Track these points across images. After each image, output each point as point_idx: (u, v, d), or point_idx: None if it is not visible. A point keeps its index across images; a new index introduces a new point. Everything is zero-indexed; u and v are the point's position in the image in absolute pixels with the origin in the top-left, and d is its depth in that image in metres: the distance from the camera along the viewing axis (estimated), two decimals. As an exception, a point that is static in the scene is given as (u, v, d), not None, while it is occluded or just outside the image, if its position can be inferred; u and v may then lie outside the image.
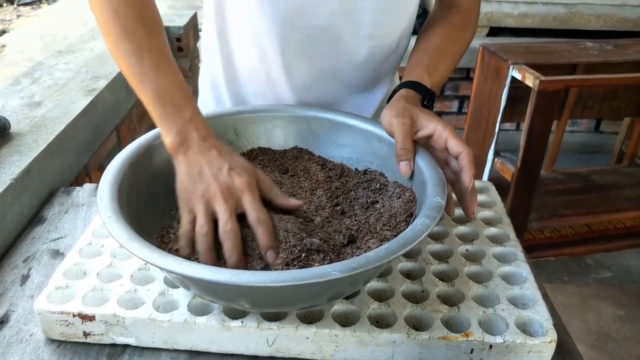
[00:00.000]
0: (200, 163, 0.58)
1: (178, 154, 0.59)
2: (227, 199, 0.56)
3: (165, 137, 0.60)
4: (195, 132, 0.60)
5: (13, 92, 1.10)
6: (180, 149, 0.59)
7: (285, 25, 0.72)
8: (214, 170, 0.57)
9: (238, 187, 0.57)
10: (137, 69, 0.61)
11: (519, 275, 0.64)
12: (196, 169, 0.58)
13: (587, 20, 2.46)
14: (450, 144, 0.63)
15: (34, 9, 3.02)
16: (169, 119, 0.60)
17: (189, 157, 0.59)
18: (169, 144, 0.60)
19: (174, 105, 0.61)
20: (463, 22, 0.80)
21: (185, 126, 0.60)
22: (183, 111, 0.61)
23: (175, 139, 0.59)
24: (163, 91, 0.61)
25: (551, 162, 2.23)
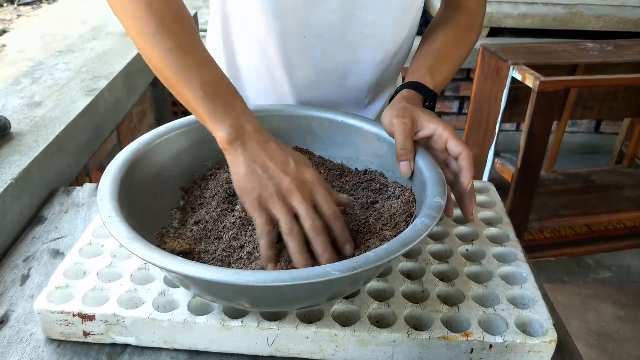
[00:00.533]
0: (262, 157, 0.56)
1: (235, 149, 0.56)
2: (303, 194, 0.54)
3: (217, 133, 0.57)
4: (250, 125, 0.57)
5: (13, 92, 1.10)
6: (236, 143, 0.56)
7: (287, 23, 0.72)
8: (281, 165, 0.55)
9: (310, 181, 0.55)
10: (179, 66, 0.58)
11: (519, 275, 0.64)
12: (259, 164, 0.55)
13: (587, 21, 2.46)
14: (450, 144, 0.63)
15: (34, 9, 3.02)
16: (220, 114, 0.57)
17: (249, 152, 0.56)
18: (224, 138, 0.56)
19: (224, 99, 0.58)
20: (468, 24, 0.80)
21: (238, 119, 0.57)
22: (234, 104, 0.58)
23: (230, 133, 0.56)
24: (211, 86, 0.58)
25: (551, 162, 2.23)
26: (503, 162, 1.88)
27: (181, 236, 0.60)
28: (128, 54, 1.40)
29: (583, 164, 2.57)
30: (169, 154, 0.68)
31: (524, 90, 1.82)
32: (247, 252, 0.57)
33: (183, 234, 0.61)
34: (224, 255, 0.57)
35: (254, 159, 0.56)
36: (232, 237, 0.59)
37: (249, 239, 0.59)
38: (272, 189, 0.54)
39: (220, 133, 0.57)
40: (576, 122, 2.77)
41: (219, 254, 0.57)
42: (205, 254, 0.57)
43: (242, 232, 0.60)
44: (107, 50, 1.42)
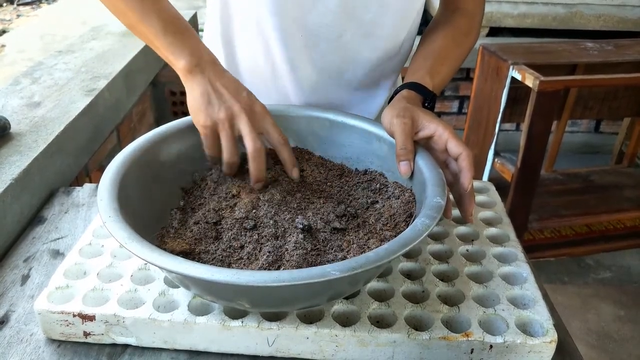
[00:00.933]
0: (217, 84, 0.61)
1: (194, 74, 0.62)
2: (252, 120, 0.60)
3: (178, 61, 0.62)
4: (207, 55, 0.63)
5: (13, 92, 1.10)
6: (196, 70, 0.62)
7: (288, 20, 0.72)
8: (234, 92, 0.61)
9: (259, 110, 0.61)
10: (139, 7, 0.63)
11: (519, 275, 0.64)
12: (214, 89, 0.61)
13: (587, 21, 2.46)
14: (450, 145, 0.63)
15: (34, 9, 3.01)
16: (179, 44, 0.62)
17: (206, 76, 0.61)
18: (185, 65, 0.62)
19: (182, 32, 0.63)
20: (467, 26, 0.80)
21: (197, 48, 0.63)
22: (191, 36, 0.64)
23: (191, 60, 0.62)
24: (168, 21, 0.63)
25: (551, 162, 2.23)
26: (503, 161, 1.88)
27: (181, 236, 0.60)
28: (128, 54, 1.40)
29: (583, 163, 2.57)
30: (169, 154, 0.68)
31: (524, 90, 1.82)
32: (247, 252, 0.57)
33: (183, 234, 0.60)
34: (224, 255, 0.57)
35: (210, 83, 0.61)
36: (232, 237, 0.59)
37: (249, 239, 0.59)
38: (222, 113, 0.60)
39: (180, 62, 0.62)
40: (576, 122, 2.77)
41: (219, 254, 0.57)
42: (205, 254, 0.57)
43: (242, 232, 0.60)
44: (107, 50, 1.42)
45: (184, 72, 0.62)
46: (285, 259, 0.55)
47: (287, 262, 0.55)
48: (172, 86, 1.73)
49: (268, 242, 0.58)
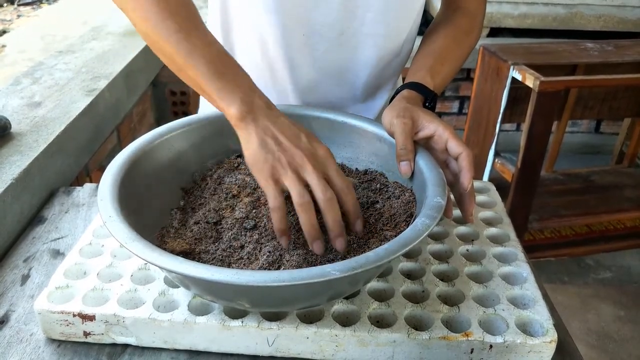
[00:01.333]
0: (274, 131, 0.56)
1: (247, 123, 0.56)
2: (315, 166, 0.54)
3: (228, 109, 0.57)
4: (259, 100, 0.58)
5: (13, 92, 1.10)
6: (248, 118, 0.57)
7: (288, 20, 0.72)
8: (294, 139, 0.56)
9: (322, 155, 0.56)
10: (185, 46, 0.58)
11: (519, 275, 0.64)
12: (271, 137, 0.55)
13: (587, 21, 2.46)
14: (450, 144, 0.63)
15: (34, 9, 3.01)
16: (228, 90, 0.57)
17: (260, 125, 0.56)
18: (235, 112, 0.57)
19: (232, 76, 0.59)
20: (468, 25, 0.80)
21: (248, 94, 0.58)
22: (242, 80, 0.59)
23: (242, 108, 0.57)
24: (217, 64, 0.58)
25: (551, 162, 2.23)
26: (503, 162, 1.88)
27: (181, 236, 0.60)
28: (128, 54, 1.40)
29: (583, 163, 2.57)
30: (169, 154, 0.68)
31: (524, 90, 1.82)
32: (247, 252, 0.57)
33: (183, 234, 0.61)
34: (224, 255, 0.57)
35: (265, 132, 0.56)
36: (232, 237, 0.59)
37: (249, 239, 0.59)
38: (284, 160, 0.54)
39: (231, 109, 0.57)
40: (576, 122, 2.77)
41: (219, 254, 0.57)
42: (205, 253, 0.57)
43: (242, 232, 0.60)
44: (107, 50, 1.42)
45: (235, 121, 0.57)
46: (285, 259, 0.55)
47: (287, 262, 0.55)
48: (172, 86, 1.73)
49: (268, 242, 0.58)
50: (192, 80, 0.59)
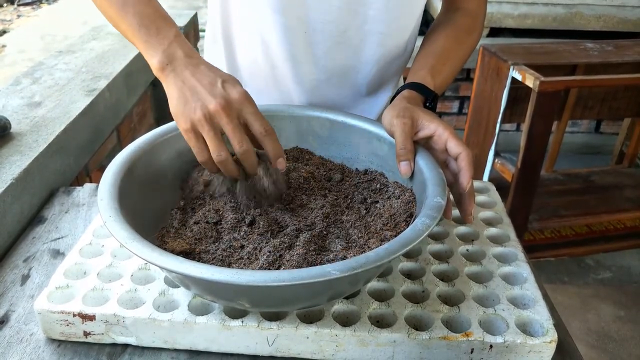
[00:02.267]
0: (191, 81, 0.58)
1: (167, 74, 0.60)
2: (229, 114, 0.56)
3: (151, 60, 0.61)
4: (180, 50, 0.60)
5: (13, 92, 1.10)
6: (167, 68, 0.60)
7: (289, 17, 0.72)
8: (208, 87, 0.57)
9: (236, 99, 0.57)
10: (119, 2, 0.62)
11: (519, 275, 0.64)
12: (188, 87, 0.58)
13: (587, 21, 2.46)
14: (450, 145, 0.63)
15: (34, 9, 3.01)
16: (153, 42, 0.61)
17: (178, 75, 0.59)
18: (156, 64, 0.60)
19: (157, 28, 0.61)
20: (469, 26, 0.80)
21: (170, 46, 0.60)
22: (166, 32, 0.61)
23: (162, 59, 0.60)
24: (145, 17, 0.62)
25: (551, 162, 2.23)
26: (503, 162, 1.88)
27: (181, 236, 0.60)
28: (128, 54, 1.40)
29: (583, 164, 2.57)
30: (169, 154, 0.68)
31: (524, 90, 1.82)
32: (247, 252, 0.57)
33: (183, 234, 0.61)
34: (224, 255, 0.57)
35: (184, 83, 0.58)
36: (232, 237, 0.59)
37: (249, 238, 0.59)
38: (199, 112, 0.56)
39: (153, 60, 0.60)
40: (576, 122, 2.77)
41: (219, 254, 0.57)
42: (205, 253, 0.58)
43: (242, 232, 0.60)
44: (107, 50, 1.42)
45: (157, 72, 0.61)
46: (285, 258, 0.55)
47: (287, 262, 0.55)
48: (172, 86, 1.72)
49: (268, 242, 0.58)
50: (124, 32, 0.64)
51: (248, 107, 0.58)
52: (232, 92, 0.58)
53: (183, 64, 0.59)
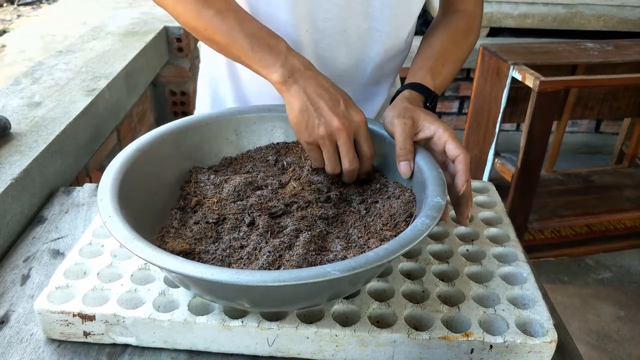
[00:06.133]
0: (315, 96, 0.61)
1: (289, 86, 0.62)
2: (349, 134, 0.61)
3: (271, 76, 0.63)
4: (298, 62, 0.63)
5: (13, 92, 1.10)
6: (289, 82, 0.62)
7: (292, 15, 0.72)
8: (331, 104, 0.61)
9: (356, 122, 0.62)
10: (225, 27, 0.64)
11: (519, 275, 0.64)
12: (312, 102, 0.61)
13: (587, 21, 2.46)
14: (449, 147, 0.63)
15: (34, 9, 3.02)
16: (268, 58, 0.63)
17: (301, 87, 0.62)
18: (278, 78, 0.62)
19: (269, 45, 0.64)
20: (467, 27, 0.80)
21: (287, 59, 0.63)
22: (279, 46, 0.64)
23: (283, 73, 0.62)
24: (254, 37, 0.64)
25: (551, 162, 2.23)
26: (503, 162, 1.88)
27: (181, 236, 0.60)
28: (128, 54, 1.40)
29: (583, 163, 2.57)
30: (169, 154, 0.68)
31: (524, 90, 1.82)
32: (247, 252, 0.57)
33: (183, 234, 0.61)
34: (224, 255, 0.57)
35: (306, 96, 0.62)
36: (232, 237, 0.59)
37: (249, 239, 0.59)
38: (322, 130, 0.61)
39: (274, 76, 0.63)
40: (576, 122, 2.77)
41: (219, 254, 0.57)
42: (205, 253, 0.57)
43: (242, 232, 0.60)
44: (107, 50, 1.42)
45: (278, 86, 0.63)
46: (285, 258, 0.55)
47: (287, 262, 0.55)
48: (172, 86, 1.73)
49: (268, 242, 0.58)
50: (235, 57, 0.66)
51: (363, 129, 0.63)
52: (354, 115, 0.62)
53: (304, 76, 0.62)
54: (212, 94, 0.87)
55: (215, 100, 0.86)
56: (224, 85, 0.84)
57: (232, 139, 0.74)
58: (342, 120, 0.61)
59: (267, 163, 0.73)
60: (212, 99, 0.87)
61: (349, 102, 0.63)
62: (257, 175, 0.69)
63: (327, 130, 0.61)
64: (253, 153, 0.75)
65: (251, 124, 0.75)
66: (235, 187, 0.65)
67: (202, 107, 0.89)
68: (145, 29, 1.62)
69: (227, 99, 0.85)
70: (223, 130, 0.73)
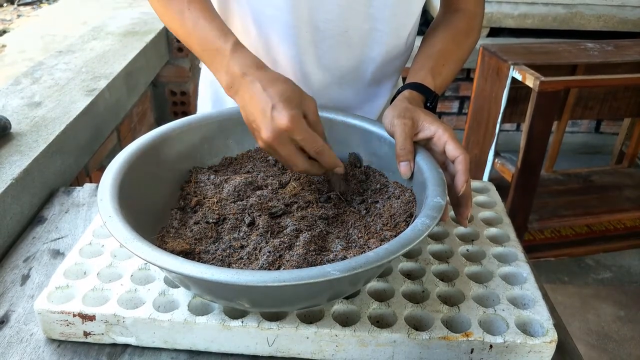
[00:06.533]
0: (248, 108, 0.61)
1: (234, 96, 0.63)
2: (280, 143, 0.59)
3: (221, 83, 0.64)
4: (237, 67, 0.62)
5: (13, 92, 1.10)
6: (231, 90, 0.63)
7: (293, 16, 0.72)
8: (259, 115, 0.59)
9: (284, 127, 0.58)
10: (183, 30, 0.66)
11: (519, 275, 0.64)
12: (247, 114, 0.61)
13: (587, 21, 2.46)
14: (448, 147, 0.63)
15: (34, 9, 3.02)
16: (216, 64, 0.64)
17: (240, 98, 0.62)
18: (225, 86, 0.63)
19: (216, 49, 0.63)
20: (468, 26, 0.80)
21: (229, 65, 0.62)
22: (224, 50, 0.63)
23: (227, 80, 0.63)
24: (204, 41, 0.64)
25: (551, 162, 2.23)
26: (503, 162, 1.88)
27: (181, 236, 0.60)
28: (128, 54, 1.40)
29: (583, 163, 2.57)
30: (169, 154, 0.68)
31: (524, 90, 1.82)
32: (247, 252, 0.57)
33: (183, 234, 0.61)
34: (224, 255, 0.57)
35: (244, 109, 0.62)
36: (232, 237, 0.59)
37: (249, 239, 0.59)
38: (261, 142, 0.61)
39: (222, 83, 0.64)
40: (576, 122, 2.77)
41: (219, 254, 0.57)
42: (205, 253, 0.58)
43: (242, 232, 0.60)
44: (107, 50, 1.42)
45: (227, 92, 0.63)
46: (285, 258, 0.55)
47: (287, 262, 0.55)
48: (172, 86, 1.73)
49: (268, 242, 0.58)
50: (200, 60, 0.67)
51: (296, 132, 0.58)
52: (280, 120, 0.58)
53: (242, 85, 0.61)
54: (213, 96, 0.87)
55: (216, 102, 0.87)
56: None
57: (232, 139, 0.74)
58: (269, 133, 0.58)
59: (267, 163, 0.73)
60: (212, 101, 0.87)
61: (277, 107, 0.58)
62: (257, 175, 0.69)
63: (263, 143, 0.60)
64: (253, 153, 0.75)
65: (251, 124, 0.75)
66: (235, 187, 0.65)
67: (203, 109, 0.89)
68: (145, 29, 1.62)
69: (228, 101, 0.85)
70: (223, 130, 0.73)
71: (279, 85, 0.60)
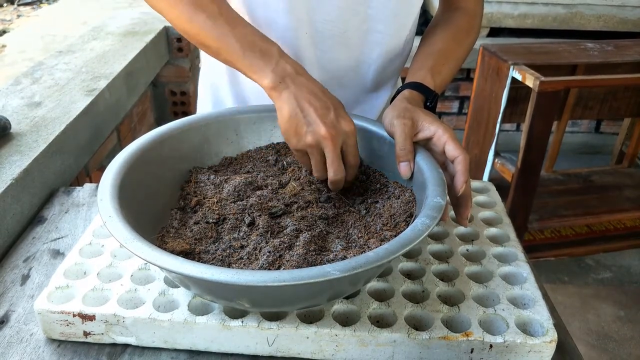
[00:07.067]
0: (304, 102, 0.60)
1: (280, 92, 0.61)
2: (336, 143, 0.60)
3: (262, 81, 0.62)
4: (290, 67, 0.62)
5: (13, 92, 1.10)
6: (280, 87, 0.61)
7: (292, 18, 0.72)
8: (320, 111, 0.60)
9: (345, 131, 0.61)
10: (216, 32, 0.64)
11: (519, 275, 0.64)
12: (301, 108, 0.60)
13: (587, 21, 2.46)
14: (448, 147, 0.63)
15: (34, 9, 3.02)
16: (260, 63, 0.62)
17: (292, 93, 0.61)
18: (269, 83, 0.61)
19: (261, 49, 0.63)
20: (467, 25, 0.80)
21: (278, 63, 0.62)
22: (270, 51, 0.63)
23: (274, 78, 0.61)
24: (245, 41, 0.63)
25: (551, 162, 2.23)
26: (503, 162, 1.88)
27: (181, 236, 0.60)
28: (128, 54, 1.40)
29: (583, 163, 2.57)
30: (169, 154, 0.68)
31: (524, 90, 1.82)
32: (247, 252, 0.57)
33: (183, 234, 0.61)
34: (224, 255, 0.57)
35: (296, 102, 0.61)
36: (232, 237, 0.59)
37: (249, 239, 0.59)
38: (310, 138, 0.60)
39: (265, 81, 0.62)
40: (576, 122, 2.77)
41: (219, 254, 0.57)
42: (205, 253, 0.58)
43: (242, 232, 0.60)
44: (107, 50, 1.42)
45: (269, 91, 0.62)
46: (285, 258, 0.55)
47: (287, 262, 0.55)
48: (172, 86, 1.73)
49: (268, 242, 0.58)
50: (228, 61, 0.65)
51: (352, 139, 0.62)
52: (343, 124, 0.61)
53: (296, 82, 0.61)
54: (213, 97, 0.87)
55: (216, 104, 0.87)
56: (224, 90, 0.84)
57: (232, 139, 0.74)
58: (330, 129, 0.60)
59: (267, 163, 0.73)
60: (213, 102, 0.87)
61: (339, 111, 0.62)
62: (257, 175, 0.69)
63: (314, 139, 0.60)
64: (253, 153, 0.75)
65: (251, 124, 0.75)
66: (235, 187, 0.65)
67: (204, 108, 0.89)
68: (145, 29, 1.62)
69: (227, 102, 0.85)
70: (223, 130, 0.73)
71: (331, 94, 0.63)
